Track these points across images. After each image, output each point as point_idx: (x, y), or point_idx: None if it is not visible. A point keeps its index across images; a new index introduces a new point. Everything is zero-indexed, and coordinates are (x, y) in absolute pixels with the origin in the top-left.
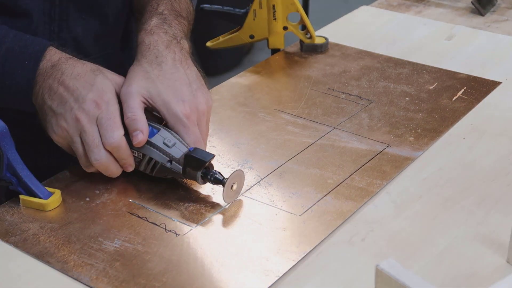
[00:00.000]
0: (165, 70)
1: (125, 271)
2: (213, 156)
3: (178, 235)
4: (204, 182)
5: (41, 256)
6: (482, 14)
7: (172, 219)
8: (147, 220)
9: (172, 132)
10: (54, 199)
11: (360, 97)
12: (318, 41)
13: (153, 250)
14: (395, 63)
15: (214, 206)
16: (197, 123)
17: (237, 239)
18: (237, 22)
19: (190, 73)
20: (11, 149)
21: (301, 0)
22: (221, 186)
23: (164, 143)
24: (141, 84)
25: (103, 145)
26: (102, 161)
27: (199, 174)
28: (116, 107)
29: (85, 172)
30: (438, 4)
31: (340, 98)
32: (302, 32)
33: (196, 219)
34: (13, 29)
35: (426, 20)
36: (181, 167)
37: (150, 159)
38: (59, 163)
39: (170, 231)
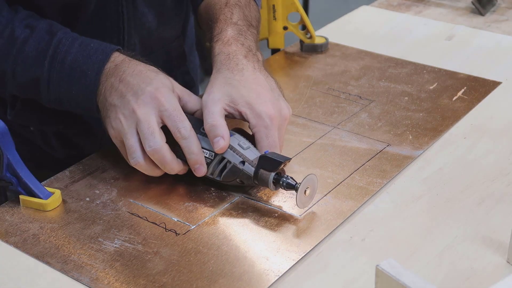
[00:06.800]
0: (247, 76)
1: (125, 272)
2: (289, 159)
3: (178, 234)
4: (276, 188)
5: (41, 256)
6: (482, 14)
7: (172, 218)
8: (147, 220)
9: (246, 140)
10: (54, 199)
11: (360, 97)
12: (318, 41)
13: (153, 250)
14: (395, 63)
15: (214, 205)
16: (269, 133)
17: (237, 238)
18: None
19: (270, 81)
20: (11, 149)
21: (301, 0)
22: (294, 191)
23: (239, 145)
24: (222, 91)
25: (175, 137)
26: (157, 148)
27: (271, 177)
28: (177, 102)
29: (84, 172)
30: (438, 4)
31: (340, 98)
32: (302, 32)
33: (196, 218)
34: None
35: (426, 20)
36: (253, 169)
37: (222, 158)
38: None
39: (170, 230)
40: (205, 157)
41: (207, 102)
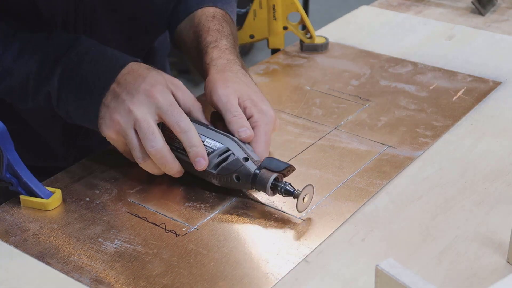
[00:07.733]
0: (244, 79)
1: (125, 273)
2: (292, 167)
3: (178, 235)
4: (274, 193)
5: (41, 257)
6: (482, 14)
7: (172, 219)
8: (147, 220)
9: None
10: (54, 199)
11: (360, 97)
12: (318, 41)
13: (153, 251)
14: (395, 63)
15: (214, 206)
16: (267, 130)
17: (237, 240)
18: (237, 22)
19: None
20: (10, 150)
21: (301, 0)
22: (292, 198)
23: (246, 145)
24: (233, 86)
25: (174, 131)
26: (159, 148)
27: (271, 180)
28: (172, 97)
29: (85, 172)
30: (438, 4)
31: (340, 98)
32: (302, 32)
33: (196, 219)
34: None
35: (426, 20)
36: (255, 166)
37: (227, 150)
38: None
39: (170, 231)
40: (206, 146)
41: (228, 95)
